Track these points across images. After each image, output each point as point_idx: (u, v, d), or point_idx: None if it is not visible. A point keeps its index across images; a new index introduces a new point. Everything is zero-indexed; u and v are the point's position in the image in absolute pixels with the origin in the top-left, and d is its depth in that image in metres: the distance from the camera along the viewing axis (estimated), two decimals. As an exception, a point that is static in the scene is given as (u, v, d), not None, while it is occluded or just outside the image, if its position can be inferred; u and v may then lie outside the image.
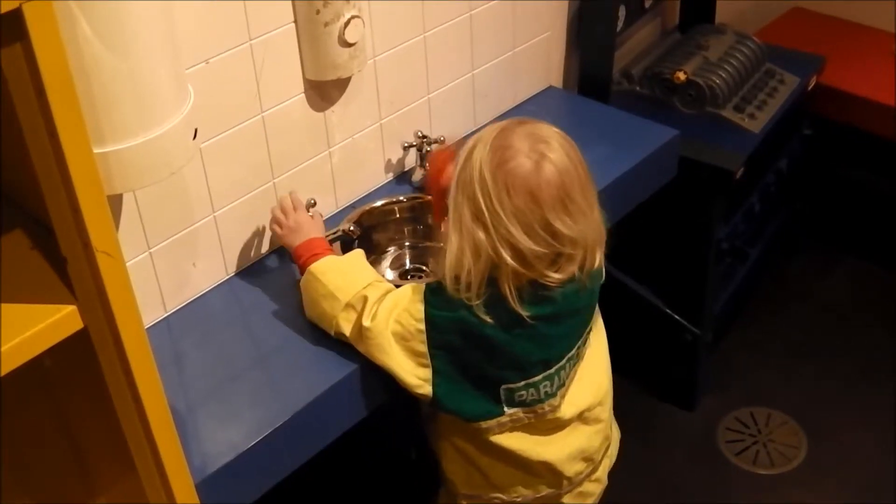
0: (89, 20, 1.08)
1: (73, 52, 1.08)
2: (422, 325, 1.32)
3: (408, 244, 1.74)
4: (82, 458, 1.20)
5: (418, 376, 1.35)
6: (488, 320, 1.30)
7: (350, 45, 1.54)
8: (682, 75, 2.18)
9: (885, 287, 2.71)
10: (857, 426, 2.35)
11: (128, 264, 1.02)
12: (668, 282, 2.27)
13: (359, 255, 1.47)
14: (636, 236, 2.11)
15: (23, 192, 0.97)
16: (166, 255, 1.49)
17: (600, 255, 1.35)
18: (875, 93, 2.46)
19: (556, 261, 1.29)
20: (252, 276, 1.62)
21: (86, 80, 1.10)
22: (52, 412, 1.16)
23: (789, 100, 2.29)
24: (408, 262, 1.73)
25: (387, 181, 1.81)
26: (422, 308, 1.32)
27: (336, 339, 1.42)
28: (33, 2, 0.75)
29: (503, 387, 1.37)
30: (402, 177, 1.83)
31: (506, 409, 1.39)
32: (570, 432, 1.47)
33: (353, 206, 1.75)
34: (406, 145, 1.81)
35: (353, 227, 1.64)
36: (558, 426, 1.45)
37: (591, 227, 1.30)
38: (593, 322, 1.46)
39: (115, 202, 1.38)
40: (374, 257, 1.70)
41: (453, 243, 1.29)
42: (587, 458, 1.51)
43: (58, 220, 0.88)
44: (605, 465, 1.58)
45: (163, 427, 1.01)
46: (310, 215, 1.56)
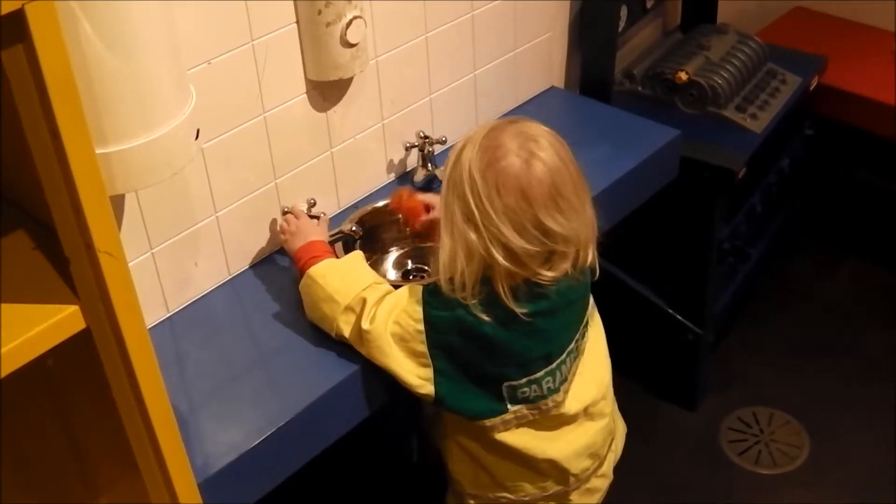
0: (91, 21, 1.08)
1: (75, 53, 1.08)
2: (421, 326, 1.32)
3: (410, 244, 1.74)
4: (84, 458, 1.20)
5: (420, 376, 1.35)
6: (486, 319, 1.30)
7: (352, 45, 1.54)
8: (683, 75, 2.18)
9: (887, 287, 2.71)
10: (860, 426, 2.35)
11: (130, 264, 1.02)
12: (669, 281, 2.27)
13: (358, 257, 1.47)
14: (638, 236, 2.11)
15: (25, 192, 0.97)
16: (168, 256, 1.49)
17: (593, 251, 1.35)
18: (877, 93, 2.46)
19: (550, 259, 1.29)
20: (254, 277, 1.62)
21: (88, 81, 1.10)
22: (54, 412, 1.16)
23: (791, 100, 2.28)
24: (410, 262, 1.73)
25: (389, 181, 1.81)
26: (420, 309, 1.33)
27: (337, 340, 1.42)
28: (35, 3, 0.75)
29: (505, 384, 1.37)
30: (404, 177, 1.83)
31: (509, 406, 1.39)
32: (576, 428, 1.47)
33: (355, 207, 1.75)
34: (408, 145, 1.81)
35: (354, 228, 1.64)
36: (564, 422, 1.45)
37: (584, 224, 1.30)
38: (590, 316, 1.47)
39: (118, 202, 1.38)
40: (376, 258, 1.70)
41: (445, 245, 1.29)
42: (593, 455, 1.51)
43: (60, 221, 0.88)
44: (611, 460, 1.58)
45: (165, 427, 1.01)
46: (315, 220, 1.56)
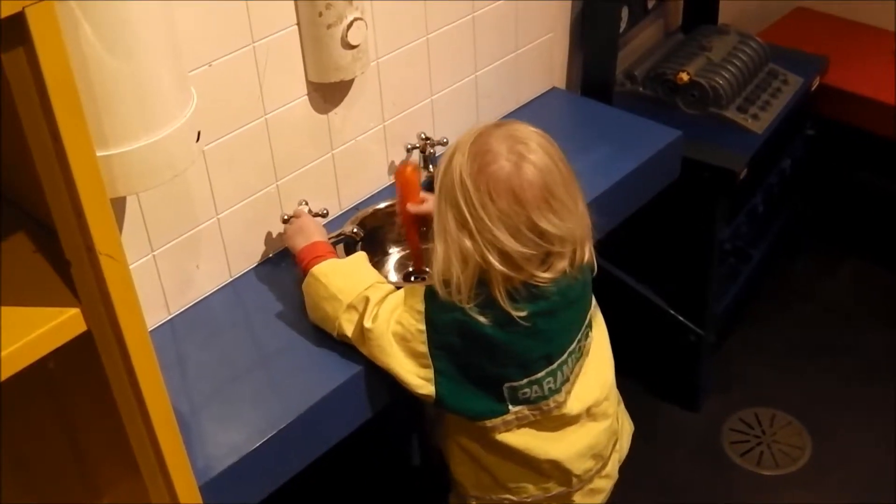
0: (92, 23, 1.08)
1: (76, 55, 1.08)
2: (422, 326, 1.32)
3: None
4: (85, 459, 1.20)
5: (420, 377, 1.35)
6: (485, 321, 1.30)
7: (353, 47, 1.54)
8: (685, 76, 2.18)
9: (889, 287, 2.71)
10: (862, 426, 2.34)
11: (131, 267, 1.02)
12: (671, 282, 2.27)
13: (361, 257, 1.47)
14: (639, 237, 2.11)
15: (26, 194, 0.97)
16: (170, 258, 1.49)
17: (589, 248, 1.35)
18: (879, 93, 2.46)
19: (546, 260, 1.29)
20: (255, 279, 1.62)
21: (88, 83, 1.11)
22: (55, 414, 1.16)
23: (792, 100, 2.28)
24: (411, 264, 1.72)
25: (390, 183, 1.81)
26: (422, 309, 1.33)
27: (339, 342, 1.42)
28: (36, 5, 0.75)
29: (506, 385, 1.37)
30: (405, 178, 1.83)
31: (510, 407, 1.39)
32: (579, 429, 1.46)
33: (356, 208, 1.75)
34: (409, 147, 1.81)
35: (356, 230, 1.64)
36: (566, 423, 1.45)
37: (578, 222, 1.30)
38: (592, 317, 1.46)
39: (119, 205, 1.38)
40: (378, 259, 1.70)
41: (439, 252, 1.29)
42: (596, 455, 1.50)
43: (61, 223, 0.88)
44: (615, 460, 1.58)
45: (166, 429, 1.01)
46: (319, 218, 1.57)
